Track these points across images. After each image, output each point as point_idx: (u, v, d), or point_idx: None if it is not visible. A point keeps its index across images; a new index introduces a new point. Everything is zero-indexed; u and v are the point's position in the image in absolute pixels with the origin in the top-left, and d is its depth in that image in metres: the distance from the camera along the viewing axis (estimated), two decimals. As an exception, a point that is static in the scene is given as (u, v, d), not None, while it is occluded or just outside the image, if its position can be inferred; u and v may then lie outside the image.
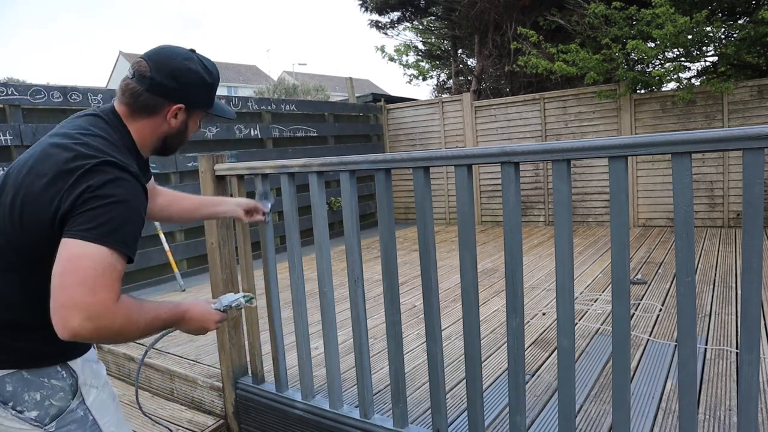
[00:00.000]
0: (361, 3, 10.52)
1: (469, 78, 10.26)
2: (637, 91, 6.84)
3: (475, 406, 1.79)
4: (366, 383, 2.09)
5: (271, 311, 2.39)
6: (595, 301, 3.86)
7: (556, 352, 1.62)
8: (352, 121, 8.47)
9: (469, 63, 11.01)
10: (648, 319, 3.39)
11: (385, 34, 11.21)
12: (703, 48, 6.44)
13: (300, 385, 2.35)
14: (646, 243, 5.95)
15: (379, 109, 8.84)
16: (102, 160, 1.16)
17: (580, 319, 3.49)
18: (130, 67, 1.30)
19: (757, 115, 6.15)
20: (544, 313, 3.64)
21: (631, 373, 2.47)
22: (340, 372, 2.23)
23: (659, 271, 4.64)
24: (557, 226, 1.53)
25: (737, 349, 2.81)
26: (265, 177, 2.29)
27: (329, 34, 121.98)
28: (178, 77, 1.30)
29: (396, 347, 1.97)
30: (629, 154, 1.38)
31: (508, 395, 1.69)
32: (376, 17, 10.84)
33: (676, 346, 2.66)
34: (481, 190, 8.09)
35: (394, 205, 3.17)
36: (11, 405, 1.24)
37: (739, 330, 2.82)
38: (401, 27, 11.05)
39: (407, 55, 10.65)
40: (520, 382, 1.66)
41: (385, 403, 2.42)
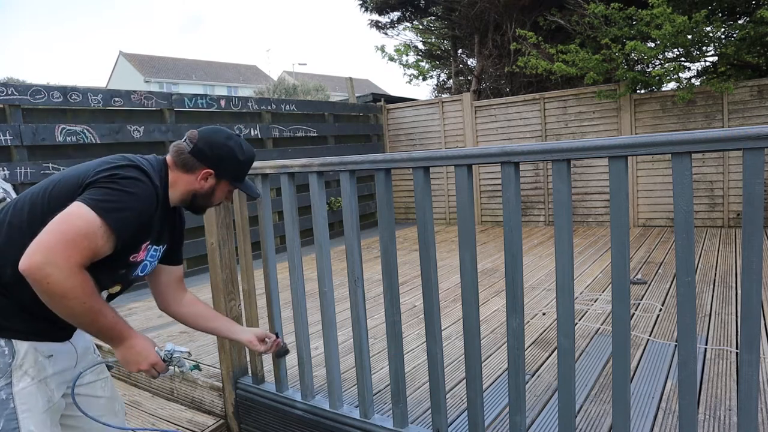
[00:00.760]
0: (361, 3, 10.52)
1: (469, 78, 10.27)
2: (637, 91, 6.84)
3: (475, 406, 1.79)
4: (366, 383, 2.09)
5: (271, 311, 2.39)
6: (595, 301, 3.86)
7: (556, 352, 1.62)
8: (352, 121, 8.47)
9: (469, 63, 11.01)
10: (648, 319, 3.39)
11: (385, 34, 11.22)
12: (703, 48, 6.44)
13: (300, 385, 2.35)
14: (646, 243, 5.96)
15: (379, 109, 8.84)
16: (136, 165, 1.45)
17: (580, 319, 3.49)
18: (187, 134, 1.63)
19: (757, 115, 6.15)
20: (544, 313, 3.64)
21: (631, 373, 2.47)
22: (340, 372, 2.23)
23: (659, 271, 4.64)
24: (557, 226, 1.53)
25: (737, 349, 2.81)
26: (265, 177, 2.29)
27: (329, 34, 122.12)
28: (214, 148, 1.60)
29: (396, 347, 1.97)
30: (629, 154, 1.38)
31: (508, 395, 1.69)
32: (376, 17, 10.84)
33: (676, 346, 2.66)
34: (481, 190, 8.10)
35: (394, 205, 3.17)
36: None
37: (739, 330, 2.82)
38: (401, 27, 11.05)
39: (407, 55, 10.64)
40: (520, 382, 1.66)
41: (385, 403, 2.42)
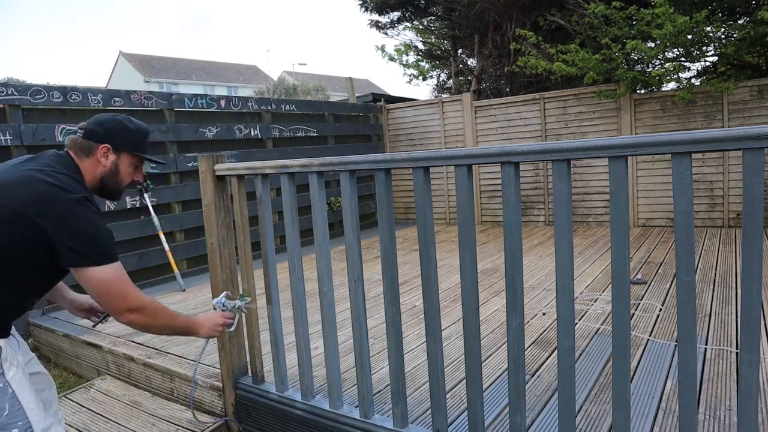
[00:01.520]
0: (361, 3, 10.52)
1: (469, 78, 10.27)
2: (637, 91, 6.84)
3: (475, 406, 1.79)
4: (366, 383, 2.09)
5: (271, 311, 2.39)
6: (595, 301, 3.86)
7: (556, 352, 1.62)
8: (352, 121, 8.47)
9: (469, 63, 11.01)
10: (648, 319, 3.39)
11: (385, 34, 11.21)
12: (703, 48, 6.44)
13: (300, 385, 2.35)
14: (646, 243, 5.95)
15: (379, 109, 8.84)
16: (70, 189, 1.50)
17: (580, 319, 3.49)
18: (77, 126, 1.71)
19: (757, 115, 6.15)
20: (544, 313, 3.64)
21: (631, 373, 2.47)
22: (340, 372, 2.23)
23: (659, 271, 4.64)
24: (557, 226, 1.53)
25: (737, 349, 2.81)
26: (265, 177, 2.29)
27: (329, 34, 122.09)
28: (103, 123, 1.70)
29: (396, 347, 1.97)
30: (629, 154, 1.38)
31: (508, 395, 1.69)
32: (376, 17, 10.84)
33: (676, 346, 2.66)
34: (481, 190, 8.09)
35: (394, 205, 3.17)
36: None
37: (739, 330, 2.82)
38: (401, 27, 11.05)
39: (407, 55, 10.62)
40: (520, 382, 1.66)
41: (385, 403, 2.42)
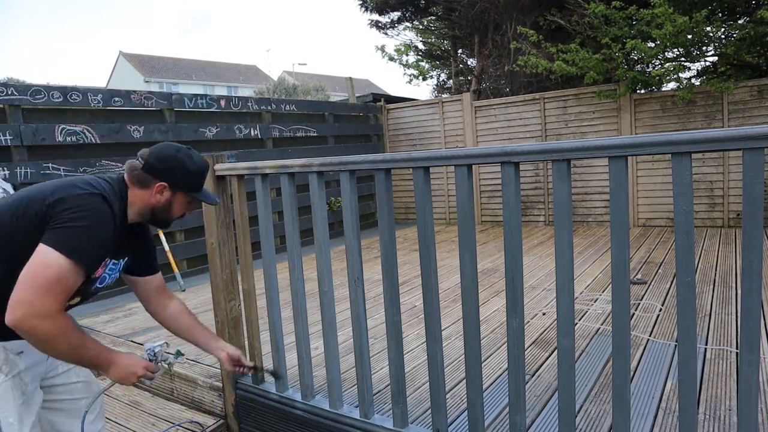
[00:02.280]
0: (361, 3, 10.52)
1: (469, 78, 10.27)
2: (637, 91, 6.84)
3: (475, 406, 1.79)
4: (366, 383, 2.09)
5: (271, 311, 2.39)
6: (595, 301, 3.86)
7: (556, 352, 1.62)
8: (352, 121, 8.47)
9: (469, 63, 11.02)
10: (648, 319, 3.39)
11: (385, 34, 11.22)
12: (703, 48, 6.44)
13: (300, 385, 2.35)
14: (646, 243, 5.95)
15: (379, 109, 8.84)
16: (97, 192, 1.49)
17: (580, 319, 3.49)
18: (139, 152, 1.68)
19: (757, 115, 6.15)
20: (544, 313, 3.64)
21: (631, 373, 2.47)
22: (340, 372, 2.23)
23: (659, 271, 4.64)
24: (557, 226, 1.53)
25: (737, 349, 2.81)
26: (265, 177, 2.29)
27: (329, 34, 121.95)
28: (164, 161, 1.65)
29: (396, 347, 1.97)
30: (629, 154, 1.38)
31: (508, 395, 1.69)
32: (376, 17, 10.84)
33: (676, 346, 2.66)
34: (481, 190, 8.09)
35: (394, 205, 3.17)
36: None
37: (739, 330, 2.82)
38: (401, 27, 11.05)
39: (407, 55, 10.62)
40: (520, 382, 1.66)
41: (385, 403, 2.42)
